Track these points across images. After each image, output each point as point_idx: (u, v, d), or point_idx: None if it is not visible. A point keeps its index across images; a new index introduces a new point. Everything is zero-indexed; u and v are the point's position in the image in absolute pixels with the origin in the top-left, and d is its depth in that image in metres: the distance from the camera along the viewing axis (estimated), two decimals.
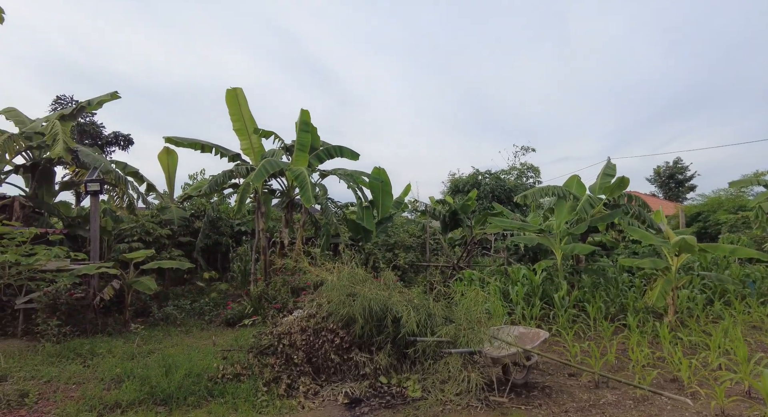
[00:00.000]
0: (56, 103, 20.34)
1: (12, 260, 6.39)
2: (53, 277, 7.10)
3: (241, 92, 10.48)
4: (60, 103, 20.34)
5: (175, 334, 7.30)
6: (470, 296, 5.16)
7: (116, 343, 6.42)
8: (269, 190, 11.67)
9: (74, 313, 7.18)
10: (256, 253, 11.04)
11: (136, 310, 8.51)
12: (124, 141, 21.62)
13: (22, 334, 6.99)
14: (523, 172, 28.28)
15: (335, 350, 5.19)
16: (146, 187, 11.61)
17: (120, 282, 7.81)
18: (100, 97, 10.44)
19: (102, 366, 5.20)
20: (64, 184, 11.20)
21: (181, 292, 10.52)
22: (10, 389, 4.30)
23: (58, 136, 8.87)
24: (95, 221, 8.41)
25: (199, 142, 10.36)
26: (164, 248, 11.23)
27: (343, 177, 10.92)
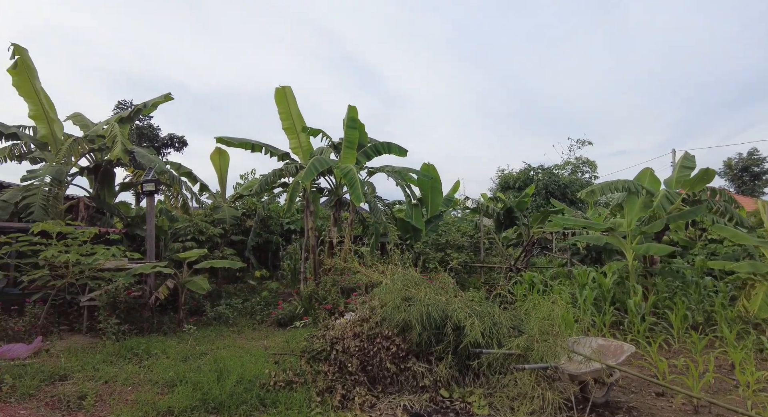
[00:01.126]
0: (117, 108, 21.45)
1: (74, 260, 6.55)
2: (112, 276, 7.25)
3: (290, 90, 10.38)
4: (121, 107, 21.42)
5: (227, 335, 7.25)
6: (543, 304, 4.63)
7: (170, 343, 6.42)
8: (317, 189, 11.54)
9: (132, 311, 7.30)
10: (305, 252, 10.94)
11: (190, 308, 8.59)
12: (179, 142, 22.46)
13: (86, 330, 7.19)
14: (578, 166, 26.75)
15: (391, 359, 4.84)
16: (199, 187, 11.83)
17: (174, 281, 7.88)
18: (155, 99, 10.70)
19: (156, 368, 5.14)
20: (124, 184, 11.62)
21: (233, 291, 10.61)
22: (70, 390, 4.29)
23: (117, 138, 9.12)
24: (151, 221, 8.56)
25: (249, 142, 10.38)
26: (217, 247, 11.38)
27: (392, 174, 10.58)
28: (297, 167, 10.36)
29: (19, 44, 8.78)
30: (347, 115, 9.93)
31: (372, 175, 11.17)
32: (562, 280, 8.01)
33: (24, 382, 4.40)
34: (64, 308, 7.81)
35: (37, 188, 8.53)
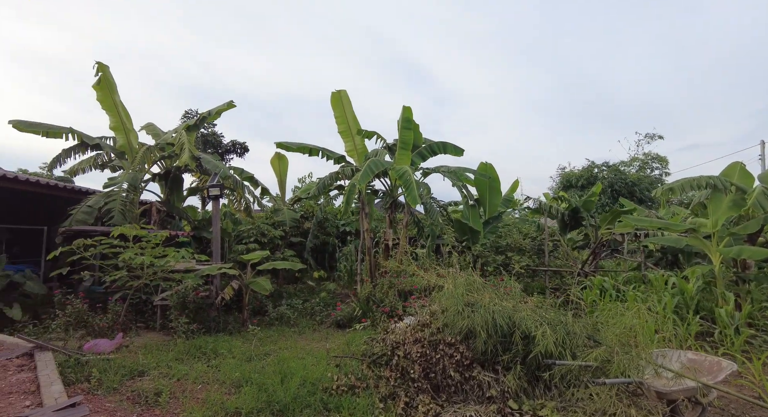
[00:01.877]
0: (185, 117, 22.84)
1: (148, 262, 6.95)
2: (182, 277, 7.62)
3: (345, 94, 10.47)
4: (187, 116, 22.79)
5: (288, 335, 7.38)
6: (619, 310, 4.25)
7: (236, 343, 6.63)
8: (372, 191, 11.55)
9: (200, 311, 7.64)
10: (361, 254, 10.98)
11: (253, 308, 8.87)
12: (241, 148, 23.54)
13: (160, 328, 7.61)
14: (647, 162, 24.93)
15: (455, 367, 4.65)
16: (261, 191, 12.23)
17: (239, 282, 8.16)
18: (218, 107, 11.20)
19: (223, 367, 5.30)
20: (191, 189, 12.27)
21: (293, 291, 10.85)
22: (148, 386, 4.51)
23: (185, 145, 9.63)
24: (216, 224, 8.93)
25: (306, 146, 10.58)
26: (277, 248, 11.72)
27: (448, 174, 10.35)
28: (353, 170, 10.42)
29: (102, 62, 9.54)
30: (402, 116, 9.84)
31: (427, 176, 11.00)
32: (637, 286, 7.39)
33: (108, 377, 4.70)
34: (141, 307, 8.33)
35: (116, 194, 9.19)
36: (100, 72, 9.56)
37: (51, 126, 9.97)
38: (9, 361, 5.23)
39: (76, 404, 3.82)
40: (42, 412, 3.64)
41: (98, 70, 9.55)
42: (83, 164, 11.09)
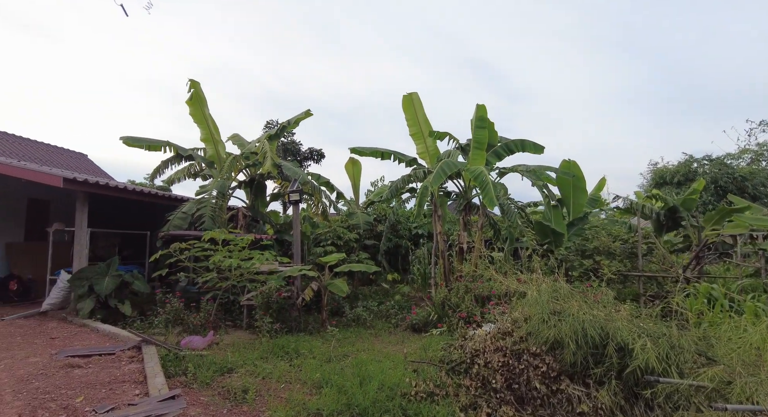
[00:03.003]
0: (266, 127, 24.27)
1: (235, 264, 7.40)
2: (266, 278, 8.02)
3: (417, 97, 10.42)
4: (269, 126, 24.21)
5: (365, 337, 7.45)
6: (736, 324, 3.70)
7: (315, 343, 6.81)
8: (445, 193, 11.36)
9: (282, 311, 7.98)
10: (435, 257, 10.82)
11: (331, 310, 9.09)
12: (317, 155, 24.51)
13: (246, 327, 8.07)
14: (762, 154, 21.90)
15: (540, 378, 4.36)
16: (336, 195, 12.58)
17: (318, 284, 8.42)
18: (297, 116, 11.71)
19: (305, 367, 5.46)
20: (273, 195, 12.95)
21: (368, 293, 10.99)
22: (236, 383, 4.77)
23: (267, 153, 10.18)
24: (297, 227, 9.30)
25: (379, 150, 10.68)
26: (353, 251, 11.95)
27: (526, 174, 9.86)
28: (425, 172, 10.32)
29: (194, 79, 10.43)
30: (475, 115, 9.55)
31: (503, 175, 10.58)
32: (757, 296, 6.43)
33: (202, 372, 5.04)
34: (229, 306, 8.91)
35: (207, 201, 9.94)
36: (192, 88, 10.45)
37: (152, 140, 11.07)
38: (122, 352, 5.84)
39: (175, 396, 4.13)
40: (148, 402, 3.99)
41: (191, 87, 10.44)
42: (178, 174, 12.17)
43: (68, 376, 4.90)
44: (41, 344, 6.37)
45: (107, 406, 3.93)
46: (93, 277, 8.35)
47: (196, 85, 10.51)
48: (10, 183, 10.41)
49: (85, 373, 4.99)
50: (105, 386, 4.56)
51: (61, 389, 4.45)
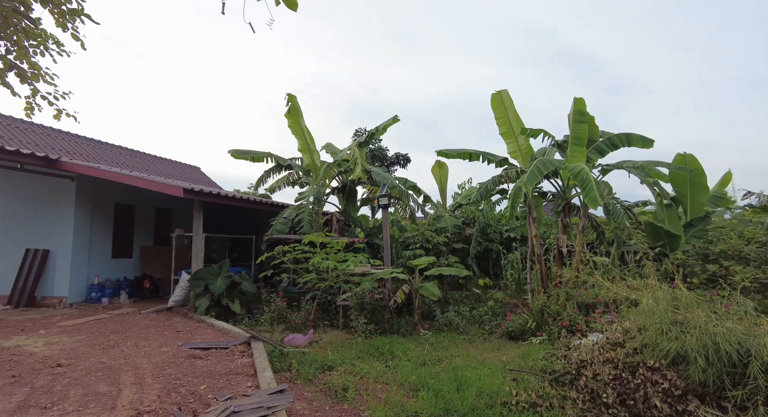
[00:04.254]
0: (355, 135, 25.14)
1: (332, 266, 7.73)
2: (360, 280, 8.26)
3: (507, 94, 10.05)
4: (357, 134, 25.06)
5: (459, 343, 7.32)
6: None
7: (409, 346, 6.84)
8: (539, 193, 10.77)
9: (375, 312, 8.15)
10: (530, 262, 10.31)
11: (422, 313, 9.08)
12: (404, 160, 24.82)
13: (342, 327, 8.38)
14: None
15: (661, 396, 3.91)
16: (423, 199, 12.59)
17: (409, 287, 8.47)
18: (384, 123, 11.95)
19: (400, 369, 5.51)
20: (363, 200, 13.35)
21: (459, 298, 10.80)
22: (336, 381, 4.96)
23: (358, 160, 10.52)
24: (386, 231, 9.47)
25: (467, 152, 10.49)
26: (441, 254, 11.85)
27: (633, 170, 8.99)
28: (517, 172, 9.90)
29: (291, 93, 11.17)
30: (573, 109, 8.95)
31: (606, 173, 9.75)
32: None
33: (304, 369, 5.32)
34: (326, 306, 9.33)
35: (305, 207, 10.55)
36: (289, 102, 11.20)
37: (255, 152, 12.05)
38: (235, 347, 6.39)
39: (283, 390, 4.41)
40: (259, 394, 4.31)
41: (288, 101, 11.19)
42: (279, 182, 13.08)
43: (192, 365, 5.48)
44: (170, 336, 7.22)
45: (226, 395, 4.32)
46: (208, 278, 9.29)
47: (293, 99, 11.24)
48: (142, 194, 12.02)
49: (205, 364, 5.55)
50: (222, 377, 5.03)
51: (188, 377, 4.99)
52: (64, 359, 5.58)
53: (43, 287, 10.34)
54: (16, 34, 3.01)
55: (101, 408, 4.02)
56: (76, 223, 10.46)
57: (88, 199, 10.80)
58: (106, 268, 11.35)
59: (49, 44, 3.72)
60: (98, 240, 11.17)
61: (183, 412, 3.91)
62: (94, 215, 11.02)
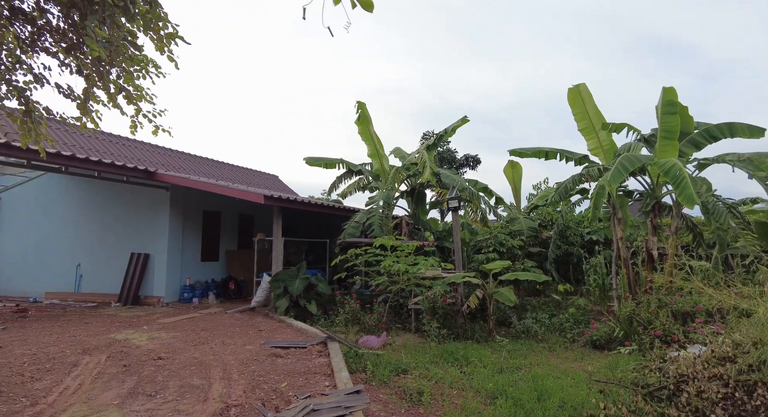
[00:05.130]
0: (423, 138, 25.14)
1: (403, 269, 7.76)
2: (430, 283, 8.20)
3: (585, 88, 9.47)
4: (425, 137, 25.03)
5: (538, 351, 6.97)
6: None
7: (484, 353, 6.64)
8: (625, 192, 9.98)
9: (448, 317, 8.03)
10: (616, 266, 9.58)
11: (497, 319, 8.79)
12: (473, 161, 24.33)
13: (414, 330, 8.36)
14: None
15: None
16: (495, 201, 12.23)
17: (482, 292, 8.24)
18: (453, 124, 11.81)
19: (476, 376, 5.36)
20: (432, 203, 13.26)
21: (536, 305, 10.31)
22: (411, 384, 4.94)
23: (426, 163, 10.49)
24: (457, 234, 9.30)
25: (542, 150, 10.03)
26: (516, 259, 11.39)
27: (739, 164, 8.02)
28: (599, 169, 9.26)
29: (361, 101, 11.45)
30: (662, 99, 8.19)
31: (704, 168, 8.80)
32: None
33: (379, 371, 5.37)
34: (397, 309, 9.36)
35: (375, 211, 10.72)
36: (360, 109, 11.47)
37: (328, 159, 12.49)
38: (312, 346, 6.63)
39: (359, 391, 4.48)
40: (337, 394, 4.42)
41: (358, 108, 11.48)
42: (350, 188, 13.43)
43: (273, 363, 5.76)
44: (253, 335, 7.67)
45: (305, 393, 4.49)
46: (287, 280, 9.75)
47: (362, 107, 11.50)
48: (227, 202, 12.94)
49: (285, 363, 5.81)
50: (302, 375, 5.23)
51: (270, 374, 5.25)
52: (163, 353, 6.15)
53: (144, 287, 11.50)
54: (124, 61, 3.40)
55: (195, 399, 4.35)
56: (171, 229, 11.52)
57: (180, 207, 11.86)
58: (196, 270, 12.36)
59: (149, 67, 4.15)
60: (189, 244, 12.21)
61: (266, 408, 4.12)
62: (185, 222, 12.06)
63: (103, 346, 6.58)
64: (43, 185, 13.14)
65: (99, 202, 12.40)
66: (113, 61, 3.29)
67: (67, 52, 4.07)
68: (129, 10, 2.95)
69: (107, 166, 9.85)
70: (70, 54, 4.08)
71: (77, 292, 12.21)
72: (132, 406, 4.12)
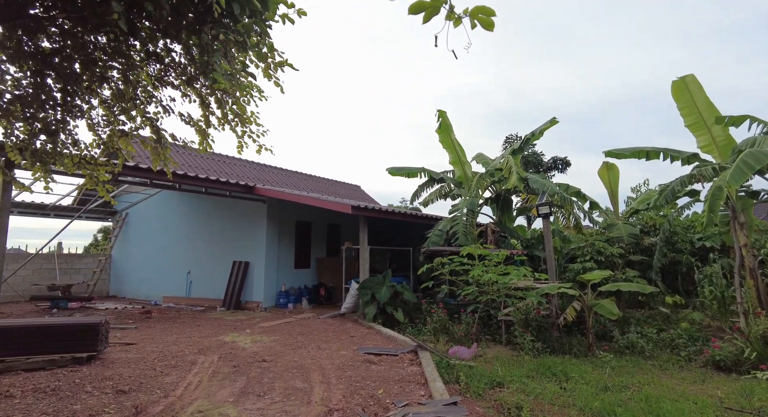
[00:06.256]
0: (506, 142, 24.37)
1: (494, 279, 7.56)
2: (523, 294, 7.88)
3: (693, 80, 8.59)
4: (508, 141, 24.23)
5: (646, 369, 6.37)
6: None
7: (585, 368, 6.22)
8: (747, 193, 8.81)
9: (542, 329, 7.65)
10: (739, 277, 8.46)
11: (596, 333, 8.19)
12: (562, 164, 23.06)
13: (506, 343, 8.08)
14: None
15: None
16: (589, 205, 11.47)
17: (580, 303, 7.74)
18: (541, 126, 11.32)
19: (578, 393, 5.03)
20: (519, 209, 12.78)
21: (641, 318, 9.43)
22: (509, 399, 4.78)
23: (512, 168, 10.16)
24: (549, 242, 8.86)
25: (643, 150, 9.23)
26: (615, 268, 10.56)
27: None
28: (714, 169, 8.28)
29: (441, 109, 11.47)
30: None
31: None
32: None
33: (473, 383, 5.27)
34: (486, 320, 9.12)
35: (459, 219, 10.59)
36: (440, 118, 11.48)
37: (410, 168, 12.63)
38: (404, 354, 6.70)
39: (456, 403, 4.43)
40: (433, 404, 4.41)
41: (439, 116, 11.49)
42: (432, 196, 13.43)
43: (368, 370, 5.92)
44: (345, 340, 7.94)
45: (402, 402, 4.54)
46: (374, 287, 9.97)
47: (443, 115, 11.50)
48: (316, 212, 13.62)
49: (379, 370, 5.93)
50: (396, 383, 5.30)
51: (365, 380, 5.40)
52: (267, 356, 6.61)
53: (245, 293, 12.47)
54: (238, 89, 3.78)
55: (300, 401, 4.62)
56: (268, 239, 12.39)
57: (275, 218, 12.72)
58: (290, 277, 13.13)
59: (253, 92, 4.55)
60: (284, 253, 13.02)
61: (366, 414, 4.24)
62: (280, 232, 12.90)
63: (214, 347, 7.24)
64: (160, 201, 14.88)
65: (205, 215, 13.75)
66: (232, 91, 3.67)
67: (187, 84, 4.62)
68: (246, 44, 3.27)
69: (213, 182, 10.91)
70: (190, 86, 4.62)
71: (188, 297, 13.59)
72: (245, 405, 4.48)
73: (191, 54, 4.18)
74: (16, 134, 4.99)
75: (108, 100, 5.02)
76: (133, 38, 3.84)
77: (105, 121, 5.25)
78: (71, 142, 5.29)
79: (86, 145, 5.54)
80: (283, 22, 3.28)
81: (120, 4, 2.50)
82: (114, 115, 5.15)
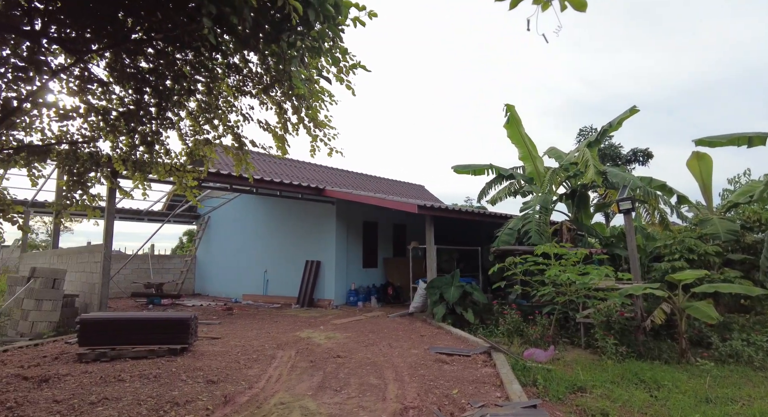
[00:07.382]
0: (580, 135, 23.05)
1: (573, 279, 7.17)
2: (604, 295, 7.40)
3: None
4: (582, 134, 22.89)
5: (758, 382, 5.69)
6: None
7: (679, 376, 5.70)
8: None
9: (625, 333, 7.12)
10: None
11: (690, 338, 7.47)
12: (643, 156, 21.37)
13: (585, 346, 7.63)
14: None
15: None
16: (677, 200, 10.51)
17: (670, 306, 7.11)
18: (620, 116, 10.57)
19: (673, 402, 4.62)
20: (597, 206, 12.01)
21: (746, 324, 8.45)
22: (593, 404, 4.51)
23: (589, 162, 9.58)
24: (631, 240, 8.23)
25: (744, 136, 8.33)
26: (710, 267, 9.56)
27: None
28: None
29: (509, 103, 11.11)
30: None
31: None
32: None
33: (552, 386, 5.04)
34: (563, 322, 8.67)
35: (531, 216, 10.18)
36: (508, 112, 11.12)
37: (476, 165, 12.35)
38: (477, 355, 6.58)
39: (536, 406, 4.26)
40: (512, 406, 4.28)
41: (507, 111, 11.14)
42: (500, 193, 13.04)
43: (440, 369, 5.87)
44: (415, 339, 7.95)
45: (478, 402, 4.46)
46: (442, 287, 9.88)
47: (511, 109, 11.13)
48: (383, 212, 13.79)
49: (452, 370, 5.87)
50: (471, 384, 5.21)
51: (439, 380, 5.36)
52: (341, 352, 6.80)
53: (317, 291, 12.93)
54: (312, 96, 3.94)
55: (375, 397, 4.69)
56: (337, 239, 12.75)
57: (344, 219, 13.06)
58: (358, 276, 13.42)
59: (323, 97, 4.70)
60: (353, 252, 13.33)
61: (442, 413, 4.21)
62: (348, 232, 13.22)
63: (292, 342, 7.58)
64: (238, 205, 15.90)
65: (279, 217, 14.47)
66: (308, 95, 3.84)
67: (264, 92, 4.89)
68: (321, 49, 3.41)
69: (287, 185, 11.46)
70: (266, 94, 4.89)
71: (265, 295, 14.37)
72: (323, 399, 4.64)
73: (267, 63, 4.43)
74: (120, 147, 5.58)
75: (194, 112, 5.46)
76: (216, 52, 4.14)
77: (192, 130, 5.71)
78: (164, 152, 5.82)
79: (176, 154, 6.06)
80: (354, 25, 3.36)
81: (210, 20, 2.71)
82: (199, 124, 5.59)
